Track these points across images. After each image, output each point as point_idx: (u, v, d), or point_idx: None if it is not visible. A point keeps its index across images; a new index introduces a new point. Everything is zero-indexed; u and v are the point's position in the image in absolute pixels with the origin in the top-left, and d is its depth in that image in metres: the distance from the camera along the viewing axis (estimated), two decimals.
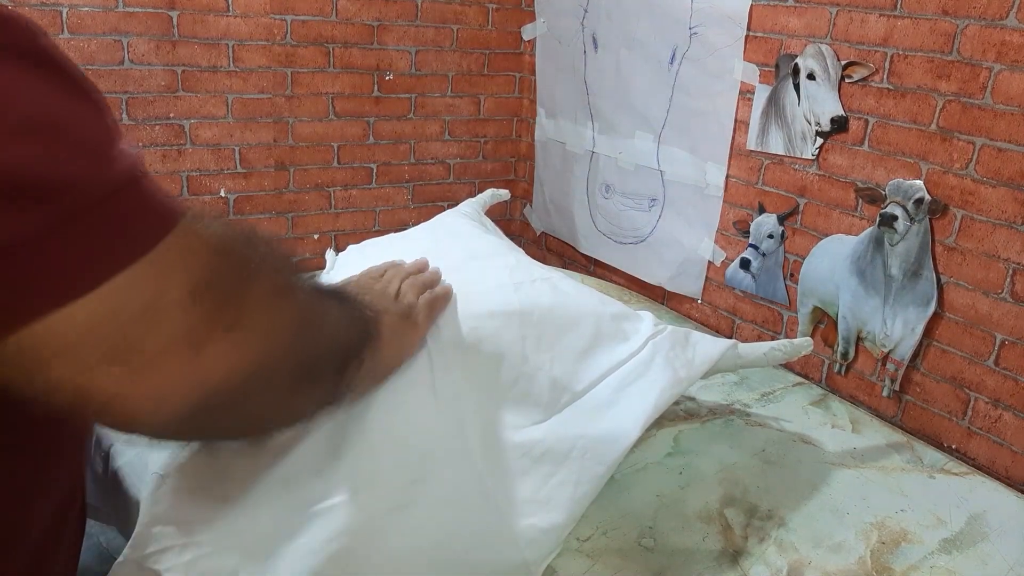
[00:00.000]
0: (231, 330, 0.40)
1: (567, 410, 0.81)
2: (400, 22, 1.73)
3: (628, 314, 0.93)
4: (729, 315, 1.47)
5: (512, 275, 0.91)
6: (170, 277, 0.37)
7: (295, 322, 0.46)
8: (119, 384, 0.37)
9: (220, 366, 0.40)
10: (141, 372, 0.37)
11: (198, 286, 0.38)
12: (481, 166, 1.96)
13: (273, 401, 0.48)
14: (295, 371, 0.47)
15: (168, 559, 0.59)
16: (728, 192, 1.42)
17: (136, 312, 0.36)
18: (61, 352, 0.35)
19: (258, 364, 0.43)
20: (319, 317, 0.50)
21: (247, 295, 0.42)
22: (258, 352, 0.43)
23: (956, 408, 1.12)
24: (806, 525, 0.85)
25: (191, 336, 0.38)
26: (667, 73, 1.49)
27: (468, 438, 0.74)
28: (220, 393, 0.41)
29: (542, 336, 0.83)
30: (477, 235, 1.02)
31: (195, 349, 0.39)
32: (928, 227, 1.11)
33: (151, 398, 0.38)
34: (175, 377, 0.38)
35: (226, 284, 0.40)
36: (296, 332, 0.46)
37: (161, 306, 0.37)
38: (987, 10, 1.00)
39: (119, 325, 0.36)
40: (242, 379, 0.42)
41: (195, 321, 0.38)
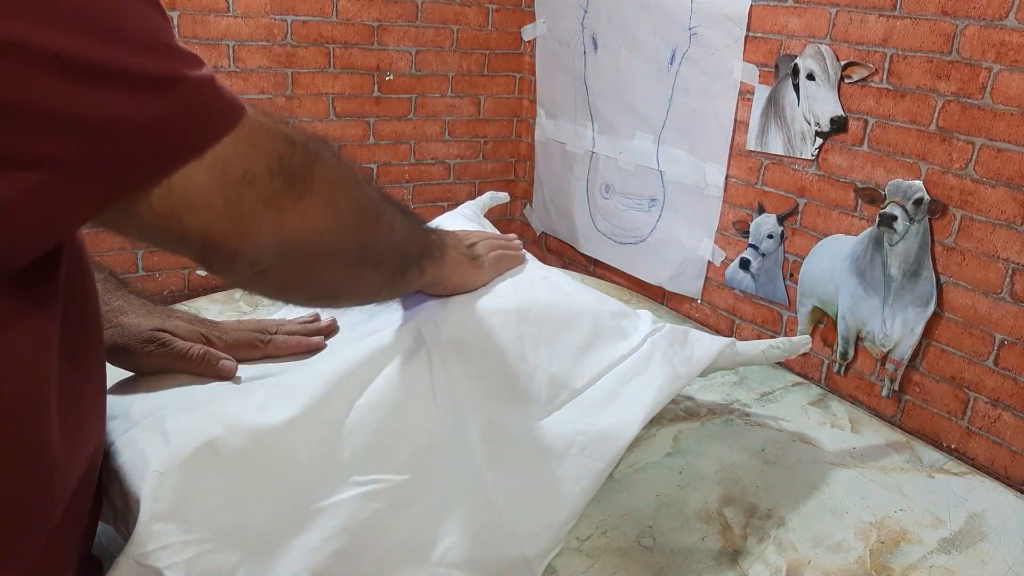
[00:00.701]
0: (300, 200, 0.52)
1: (566, 407, 0.81)
2: (400, 23, 1.73)
3: (627, 312, 0.93)
4: (729, 315, 1.47)
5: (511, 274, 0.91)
6: (254, 152, 0.49)
7: (353, 205, 0.59)
8: (228, 230, 0.49)
9: (294, 225, 0.53)
10: (242, 222, 0.50)
11: (273, 163, 0.50)
12: (481, 166, 1.96)
13: (340, 272, 0.61)
14: (356, 250, 0.60)
15: (168, 556, 0.59)
16: (728, 192, 1.42)
17: (236, 177, 0.48)
18: (191, 206, 0.47)
19: (323, 232, 0.55)
20: (377, 211, 0.62)
21: (311, 176, 0.53)
22: (323, 222, 0.55)
23: (955, 408, 1.13)
24: (805, 525, 0.86)
25: (273, 200, 0.51)
26: (667, 73, 1.49)
27: (467, 435, 0.75)
28: (296, 247, 0.54)
29: (541, 334, 0.84)
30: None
31: (276, 209, 0.51)
32: (927, 227, 1.11)
33: (248, 242, 0.51)
34: (264, 228, 0.51)
35: (296, 165, 0.52)
36: (355, 214, 0.59)
37: (251, 175, 0.49)
38: (987, 10, 1.00)
39: (226, 186, 0.48)
40: (312, 240, 0.55)
41: (275, 189, 0.51)
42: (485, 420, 0.76)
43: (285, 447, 0.67)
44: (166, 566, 0.58)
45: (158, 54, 0.44)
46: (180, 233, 0.48)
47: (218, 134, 0.47)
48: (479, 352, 0.79)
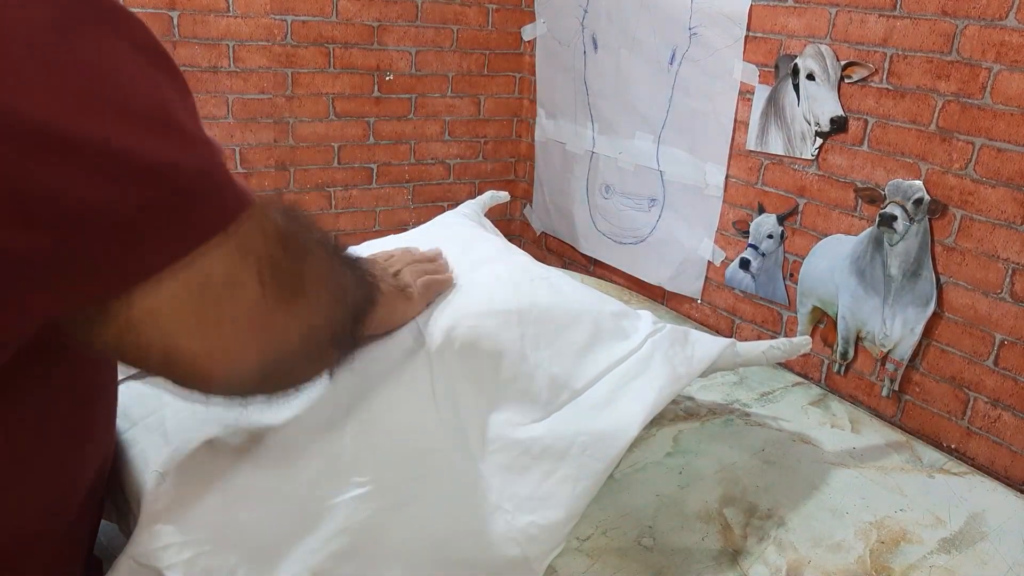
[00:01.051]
0: (290, 304, 0.46)
1: (566, 407, 0.81)
2: (400, 23, 1.73)
3: (627, 312, 0.93)
4: (729, 315, 1.47)
5: (511, 275, 0.91)
6: (245, 258, 0.42)
7: (334, 294, 0.53)
8: (201, 348, 0.42)
9: (281, 334, 0.47)
10: (221, 339, 0.43)
11: (265, 266, 0.43)
12: (481, 166, 1.96)
13: (314, 361, 0.55)
14: (331, 335, 0.54)
15: (168, 557, 0.59)
16: (728, 192, 1.42)
17: (218, 287, 0.41)
18: (154, 319, 0.39)
19: (308, 331, 0.49)
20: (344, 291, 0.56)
21: (303, 275, 0.48)
22: (310, 321, 0.49)
23: (955, 408, 1.13)
24: (805, 524, 0.86)
25: (260, 309, 0.44)
26: (667, 73, 1.49)
27: (467, 436, 0.74)
28: (280, 356, 0.48)
29: (541, 334, 0.84)
30: (477, 236, 1.03)
31: (263, 320, 0.44)
32: (927, 227, 1.11)
33: (228, 361, 0.44)
34: (248, 343, 0.44)
35: (287, 266, 0.46)
36: (334, 303, 0.53)
37: (237, 282, 0.42)
38: (987, 10, 1.00)
39: (205, 298, 0.41)
40: (297, 344, 0.49)
41: (264, 296, 0.44)
42: (485, 420, 0.76)
43: (285, 447, 0.67)
44: (166, 566, 0.58)
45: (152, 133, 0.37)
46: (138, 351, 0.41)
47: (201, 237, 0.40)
48: (479, 352, 0.79)
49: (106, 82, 0.36)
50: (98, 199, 0.35)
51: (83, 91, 0.35)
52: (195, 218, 0.39)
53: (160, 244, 0.38)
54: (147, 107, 0.37)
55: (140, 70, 0.38)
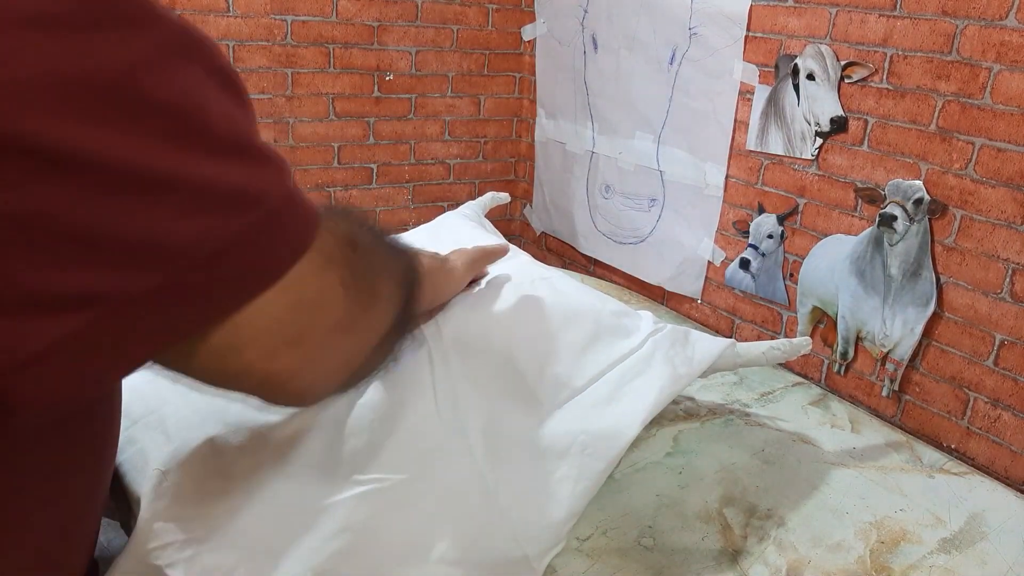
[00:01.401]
0: (369, 309, 0.47)
1: (567, 406, 0.81)
2: (400, 22, 1.73)
3: (627, 311, 0.93)
4: (729, 315, 1.47)
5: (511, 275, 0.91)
6: (330, 268, 0.43)
7: (397, 284, 0.53)
8: (298, 364, 0.42)
9: (366, 338, 0.48)
10: (314, 353, 0.43)
11: (345, 276, 0.44)
12: (481, 166, 1.96)
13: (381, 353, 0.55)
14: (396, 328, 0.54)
15: (169, 555, 0.59)
16: (728, 192, 1.42)
17: (309, 302, 0.42)
18: (253, 340, 0.40)
19: (384, 330, 0.50)
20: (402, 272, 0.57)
21: (375, 277, 0.48)
22: (386, 321, 0.50)
23: (955, 408, 1.13)
24: (805, 524, 0.86)
25: (347, 318, 0.45)
26: (667, 73, 1.50)
27: (468, 435, 0.75)
28: (359, 361, 0.49)
29: (541, 333, 0.84)
30: (477, 237, 1.03)
31: (349, 328, 0.45)
32: (927, 227, 1.11)
33: (321, 374, 0.45)
34: (338, 353, 0.45)
35: (362, 271, 0.46)
36: (398, 293, 0.53)
37: (325, 296, 0.43)
38: (987, 10, 1.01)
39: (297, 314, 0.41)
40: (376, 341, 0.50)
41: (348, 305, 0.44)
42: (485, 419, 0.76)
43: (286, 446, 0.67)
44: (167, 564, 0.58)
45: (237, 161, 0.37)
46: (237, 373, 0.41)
47: (295, 256, 0.40)
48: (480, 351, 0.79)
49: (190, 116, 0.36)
50: (198, 233, 0.35)
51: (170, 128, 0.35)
52: (287, 238, 0.40)
53: (259, 267, 0.39)
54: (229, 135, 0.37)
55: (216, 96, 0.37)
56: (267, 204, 0.38)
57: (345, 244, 0.45)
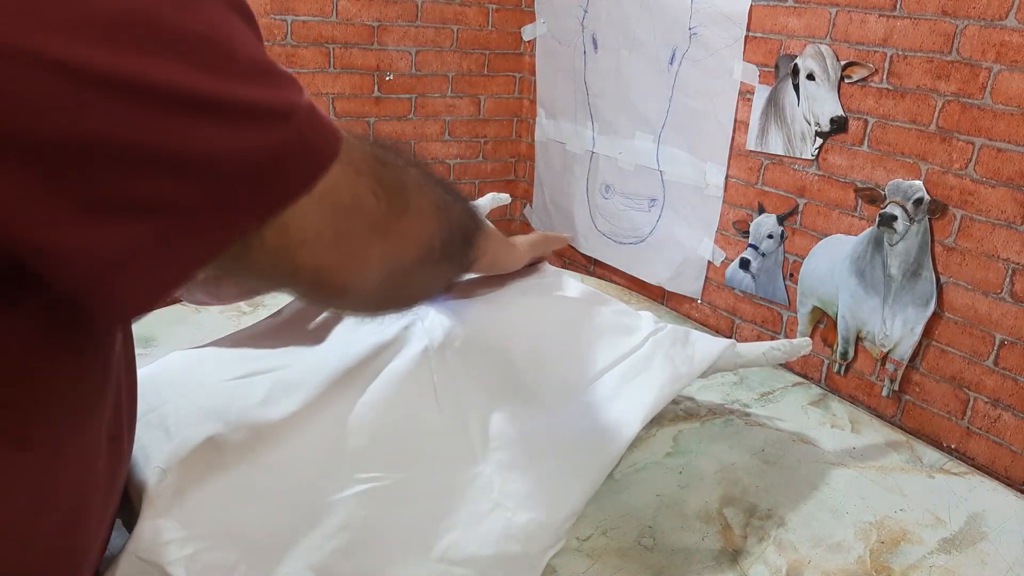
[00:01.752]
0: (402, 217, 0.50)
1: (567, 405, 0.81)
2: (400, 22, 1.73)
3: (628, 311, 0.94)
4: (729, 315, 1.47)
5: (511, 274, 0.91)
6: (360, 176, 0.47)
7: (435, 207, 0.56)
8: (341, 262, 0.47)
9: (399, 247, 0.51)
10: (353, 252, 0.47)
11: (375, 185, 0.48)
12: (481, 166, 1.96)
13: (429, 276, 0.59)
14: (441, 249, 0.57)
15: (170, 552, 0.59)
16: (728, 192, 1.42)
17: (346, 206, 0.46)
18: (303, 241, 0.44)
19: (420, 244, 0.53)
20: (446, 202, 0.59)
21: (406, 188, 0.51)
22: (419, 234, 0.53)
23: (955, 408, 1.13)
24: (805, 524, 0.86)
25: (380, 223, 0.49)
26: (667, 73, 1.50)
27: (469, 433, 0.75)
28: (399, 268, 0.52)
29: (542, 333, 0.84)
30: None
31: (383, 233, 0.49)
32: (927, 227, 1.11)
33: (360, 271, 0.49)
34: (374, 255, 0.49)
35: (392, 182, 0.50)
36: (437, 216, 0.56)
37: (358, 202, 0.46)
38: (987, 10, 1.01)
39: (337, 218, 0.45)
40: (411, 255, 0.53)
41: (380, 212, 0.48)
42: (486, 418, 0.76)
43: (287, 444, 0.67)
44: (168, 562, 0.58)
45: (265, 82, 0.42)
46: (291, 270, 0.46)
47: (326, 164, 0.44)
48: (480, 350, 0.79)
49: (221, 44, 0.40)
50: (239, 146, 0.39)
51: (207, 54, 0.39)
52: (317, 147, 0.44)
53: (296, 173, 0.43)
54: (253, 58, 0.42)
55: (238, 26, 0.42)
56: (296, 118, 0.42)
57: (374, 159, 0.49)
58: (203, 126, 0.38)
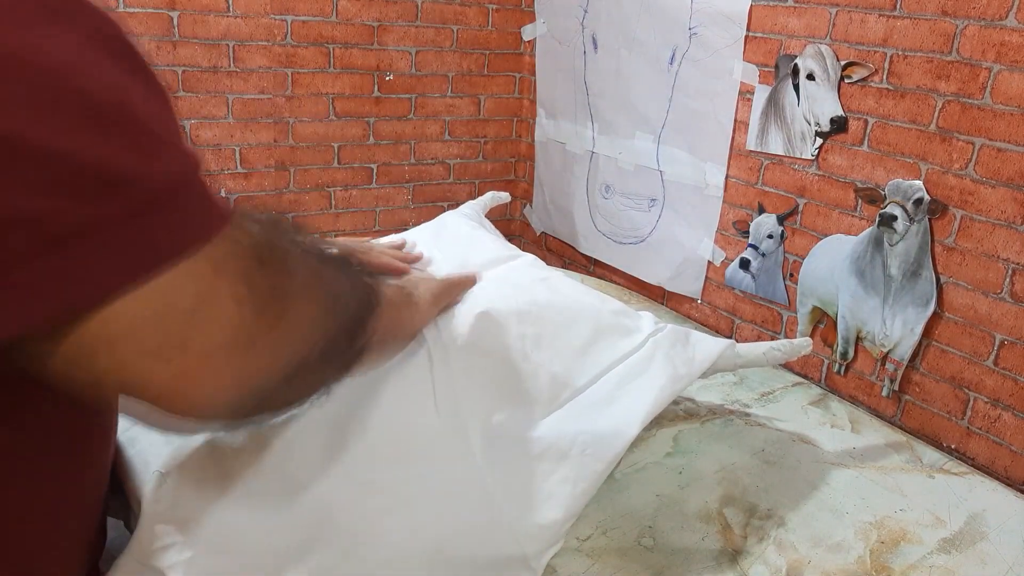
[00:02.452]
0: (274, 329, 0.41)
1: (567, 407, 0.81)
2: (400, 22, 1.73)
3: (628, 312, 0.94)
4: (729, 315, 1.47)
5: (511, 275, 0.91)
6: (219, 278, 0.38)
7: (324, 310, 0.48)
8: (165, 382, 0.37)
9: (265, 363, 0.42)
10: (189, 370, 0.38)
11: (243, 289, 0.39)
12: (481, 166, 1.96)
13: (304, 382, 0.50)
14: (323, 353, 0.49)
15: (170, 556, 0.59)
16: (728, 192, 1.42)
17: (186, 311, 0.37)
18: (108, 345, 0.35)
19: (297, 355, 0.45)
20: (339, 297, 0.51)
21: (287, 293, 0.43)
22: (297, 344, 0.44)
23: (955, 408, 1.13)
24: (805, 525, 0.86)
25: (238, 337, 0.39)
26: (667, 73, 1.50)
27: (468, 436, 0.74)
28: (261, 381, 0.43)
29: (541, 334, 0.84)
30: (478, 237, 1.03)
31: (242, 349, 0.40)
32: (927, 227, 1.11)
33: (199, 389, 0.39)
34: (223, 375, 0.39)
35: (269, 285, 0.41)
36: (325, 319, 0.48)
37: (209, 307, 0.38)
38: (987, 10, 1.01)
39: (168, 323, 0.36)
40: (282, 365, 0.44)
41: (241, 322, 0.39)
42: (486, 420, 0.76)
43: (285, 447, 0.67)
44: (168, 566, 0.58)
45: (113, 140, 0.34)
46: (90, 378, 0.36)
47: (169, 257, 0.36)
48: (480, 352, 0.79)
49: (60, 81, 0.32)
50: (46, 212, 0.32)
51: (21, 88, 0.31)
52: (161, 236, 0.35)
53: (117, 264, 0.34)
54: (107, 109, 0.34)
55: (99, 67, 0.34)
56: (141, 193, 0.34)
57: (250, 257, 0.40)
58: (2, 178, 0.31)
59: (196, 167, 0.38)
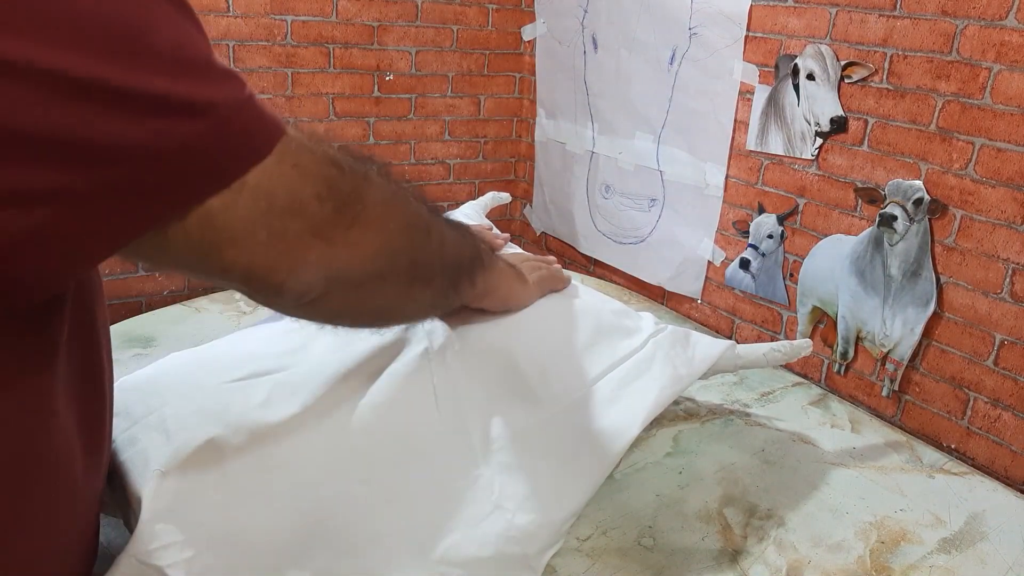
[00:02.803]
0: (351, 228, 0.49)
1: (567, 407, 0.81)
2: (400, 22, 1.73)
3: (628, 312, 0.94)
4: (729, 315, 1.47)
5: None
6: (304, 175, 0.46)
7: (405, 225, 0.55)
8: (273, 264, 0.46)
9: (344, 255, 0.49)
10: (288, 255, 0.46)
11: (323, 188, 0.47)
12: (481, 166, 1.96)
13: (392, 293, 0.57)
14: (409, 269, 0.56)
15: (170, 555, 0.59)
16: (728, 192, 1.42)
17: (282, 206, 0.45)
18: (232, 239, 0.43)
19: (375, 257, 0.52)
20: (428, 226, 0.58)
21: (362, 200, 0.50)
22: (375, 247, 0.51)
23: (955, 408, 1.13)
24: (805, 525, 0.86)
25: (321, 230, 0.47)
26: (667, 73, 1.50)
27: (469, 435, 0.75)
28: (346, 277, 0.51)
29: (542, 335, 0.84)
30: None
31: (325, 240, 0.48)
32: (927, 227, 1.11)
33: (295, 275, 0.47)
34: (312, 259, 0.47)
35: (343, 189, 0.48)
36: (407, 234, 0.55)
37: (298, 203, 0.45)
38: (987, 10, 1.01)
39: (270, 217, 0.44)
40: (363, 268, 0.52)
41: (323, 218, 0.47)
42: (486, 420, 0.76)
43: (287, 446, 0.67)
44: (167, 565, 0.58)
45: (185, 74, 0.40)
46: (220, 267, 0.45)
47: (253, 161, 0.43)
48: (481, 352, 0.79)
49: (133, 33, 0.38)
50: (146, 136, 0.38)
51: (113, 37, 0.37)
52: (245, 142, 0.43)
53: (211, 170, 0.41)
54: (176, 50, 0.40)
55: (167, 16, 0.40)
56: (218, 112, 0.41)
57: (326, 163, 0.47)
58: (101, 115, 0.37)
59: (247, 86, 0.44)
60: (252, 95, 0.44)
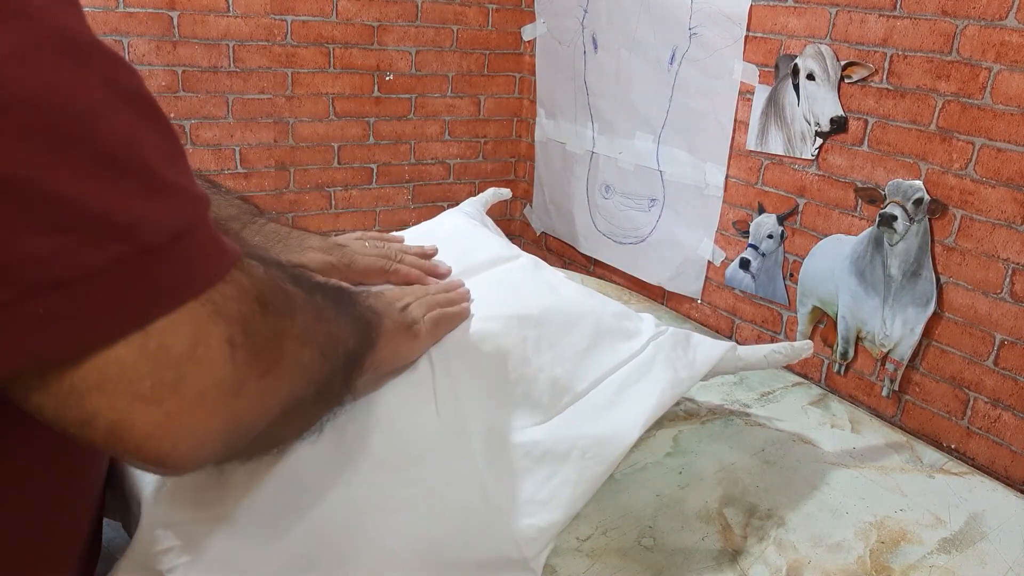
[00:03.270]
0: (265, 376, 0.41)
1: (568, 410, 0.81)
2: (400, 22, 1.73)
3: (629, 314, 0.93)
4: (729, 315, 1.47)
5: (513, 277, 0.91)
6: (215, 323, 0.37)
7: (322, 352, 0.47)
8: (154, 424, 0.36)
9: (254, 409, 0.41)
10: (178, 414, 0.37)
11: (237, 334, 0.38)
12: (481, 166, 1.96)
13: (297, 422, 0.51)
14: (315, 396, 0.48)
15: (170, 559, 0.59)
16: (728, 192, 1.42)
17: (179, 355, 0.36)
18: (100, 386, 0.34)
19: (284, 403, 0.44)
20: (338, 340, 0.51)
21: (281, 341, 0.42)
22: (287, 392, 0.44)
23: (955, 408, 1.13)
24: (805, 525, 0.86)
25: (228, 382, 0.38)
26: (667, 73, 1.50)
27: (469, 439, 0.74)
28: (252, 426, 0.42)
29: (543, 337, 0.83)
30: (479, 236, 1.03)
31: (231, 394, 0.39)
32: (927, 227, 1.11)
33: (186, 440, 0.38)
34: (210, 420, 0.38)
35: (263, 333, 0.41)
36: (321, 361, 0.47)
37: (202, 351, 0.37)
38: (987, 10, 1.01)
39: (161, 366, 0.36)
40: (273, 411, 0.43)
41: (233, 368, 0.38)
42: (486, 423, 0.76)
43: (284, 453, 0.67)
44: (167, 569, 0.58)
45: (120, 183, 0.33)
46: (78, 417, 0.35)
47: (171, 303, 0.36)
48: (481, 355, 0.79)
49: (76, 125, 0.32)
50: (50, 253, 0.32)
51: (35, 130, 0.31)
52: (164, 281, 0.35)
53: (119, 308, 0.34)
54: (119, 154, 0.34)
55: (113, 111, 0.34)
56: (141, 239, 0.34)
57: (252, 300, 0.40)
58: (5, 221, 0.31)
59: (204, 211, 0.38)
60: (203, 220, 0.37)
